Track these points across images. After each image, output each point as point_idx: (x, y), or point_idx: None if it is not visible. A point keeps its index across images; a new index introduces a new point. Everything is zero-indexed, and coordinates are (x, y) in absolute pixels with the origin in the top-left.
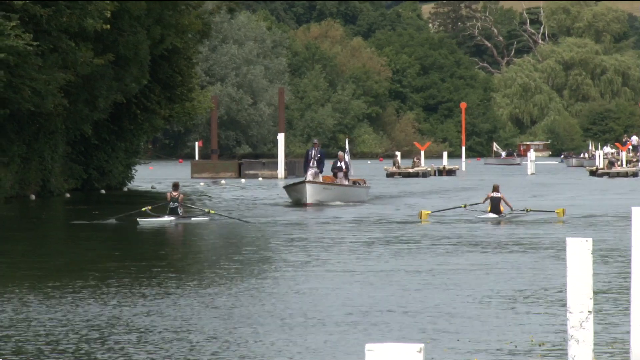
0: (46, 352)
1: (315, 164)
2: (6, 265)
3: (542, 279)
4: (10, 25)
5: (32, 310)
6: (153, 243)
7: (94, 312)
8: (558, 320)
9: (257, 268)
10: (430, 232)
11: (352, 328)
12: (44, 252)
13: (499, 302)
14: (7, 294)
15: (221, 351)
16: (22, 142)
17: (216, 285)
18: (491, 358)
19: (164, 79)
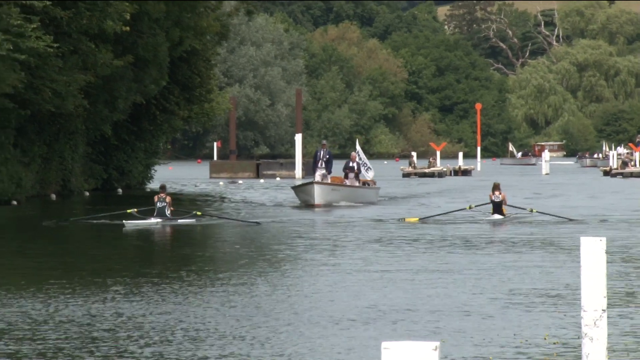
0: (73, 350)
1: (324, 165)
2: (34, 264)
3: (556, 277)
4: (31, 27)
5: (63, 307)
6: (169, 244)
7: (123, 311)
8: (572, 319)
9: (273, 268)
10: (443, 232)
11: (368, 326)
12: (68, 251)
13: (514, 301)
14: (37, 292)
15: (240, 349)
16: (42, 143)
17: (235, 284)
18: (506, 356)
19: (183, 80)
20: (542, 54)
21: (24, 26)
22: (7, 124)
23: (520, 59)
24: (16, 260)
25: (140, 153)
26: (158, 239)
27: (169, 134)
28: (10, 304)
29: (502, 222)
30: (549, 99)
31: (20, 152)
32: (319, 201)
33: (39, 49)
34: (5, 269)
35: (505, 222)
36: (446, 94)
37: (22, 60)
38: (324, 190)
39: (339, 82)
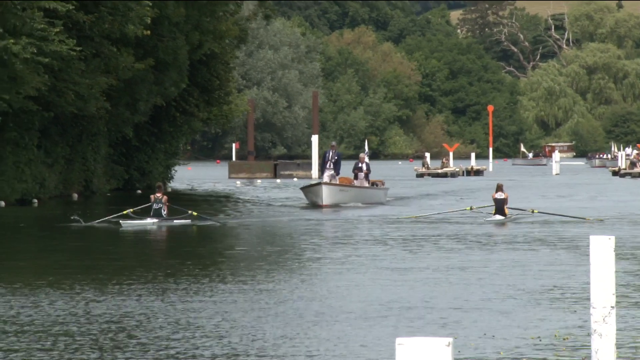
0: (99, 345)
1: (332, 166)
2: (61, 261)
3: (566, 275)
4: (55, 31)
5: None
6: (188, 242)
7: (153, 306)
8: (581, 315)
9: (292, 265)
10: (456, 231)
11: (382, 322)
12: (89, 250)
13: (524, 298)
14: (66, 289)
15: (265, 342)
16: (65, 144)
17: (257, 282)
18: (517, 352)
19: (203, 83)
20: (553, 57)
21: (47, 30)
22: (31, 126)
23: (531, 62)
24: (49, 258)
25: (160, 154)
26: (177, 238)
27: (189, 135)
28: (50, 301)
29: (508, 221)
30: (559, 101)
31: (43, 153)
32: (327, 202)
33: (62, 52)
34: (40, 267)
35: (515, 222)
36: (459, 96)
37: (46, 63)
38: (332, 191)
39: (355, 85)
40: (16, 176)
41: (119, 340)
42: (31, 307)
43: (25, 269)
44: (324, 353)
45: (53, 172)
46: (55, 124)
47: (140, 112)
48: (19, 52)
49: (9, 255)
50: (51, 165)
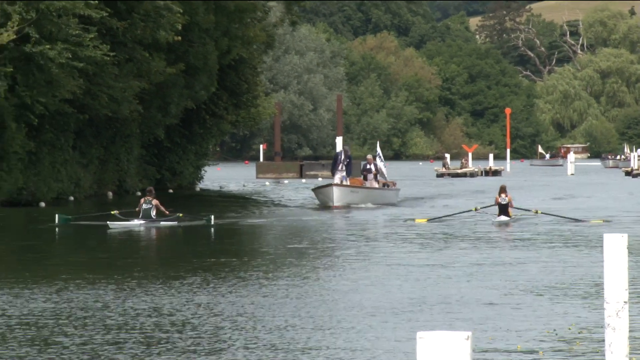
0: (135, 339)
1: (343, 168)
2: (102, 258)
3: (580, 271)
4: (89, 37)
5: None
6: (215, 240)
7: (180, 301)
8: (595, 310)
9: (318, 262)
10: (471, 230)
11: (404, 317)
12: (115, 247)
13: (540, 293)
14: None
15: (295, 334)
16: (100, 145)
17: (282, 278)
18: (533, 345)
19: (231, 86)
20: (568, 61)
21: (82, 36)
22: (66, 128)
23: (547, 67)
24: (82, 255)
25: (191, 155)
26: (205, 236)
27: (218, 137)
28: (94, 294)
29: (512, 222)
30: (574, 104)
31: (79, 154)
32: (337, 203)
33: (97, 57)
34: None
35: (520, 222)
36: (478, 100)
37: (81, 68)
38: (343, 192)
39: (377, 89)
40: (52, 176)
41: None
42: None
43: (86, 265)
44: (349, 346)
45: (88, 172)
46: (89, 126)
47: (171, 115)
48: (54, 57)
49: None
50: (86, 166)
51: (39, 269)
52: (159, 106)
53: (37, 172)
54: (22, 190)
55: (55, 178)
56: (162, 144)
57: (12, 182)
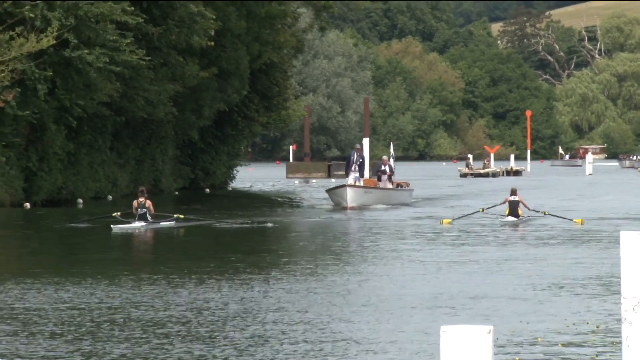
0: (178, 332)
1: (357, 169)
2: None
3: (598, 268)
4: (125, 42)
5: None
6: (241, 239)
7: (221, 297)
8: (613, 305)
9: (342, 259)
10: (490, 228)
11: (427, 311)
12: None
13: (559, 289)
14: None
15: (323, 328)
16: (136, 146)
17: (314, 274)
18: (553, 338)
19: (262, 90)
20: (586, 66)
21: (119, 41)
22: (104, 130)
23: (566, 71)
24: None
25: (223, 155)
26: (228, 234)
27: (250, 138)
28: (132, 292)
29: (521, 223)
30: (592, 107)
31: (116, 154)
32: (351, 203)
33: (133, 61)
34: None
35: (528, 223)
36: (499, 102)
37: (118, 72)
38: (357, 193)
39: (403, 92)
40: (90, 175)
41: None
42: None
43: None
44: (375, 339)
45: (124, 172)
46: (126, 128)
47: (204, 117)
48: (92, 62)
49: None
50: (123, 166)
51: (78, 266)
52: (193, 109)
53: (76, 172)
54: (61, 189)
55: (93, 178)
56: (196, 145)
57: (52, 181)
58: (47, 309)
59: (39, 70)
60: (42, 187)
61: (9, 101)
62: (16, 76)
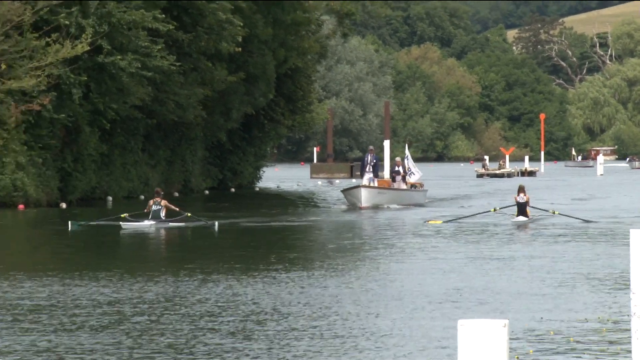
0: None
1: (371, 170)
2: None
3: (609, 265)
4: (157, 49)
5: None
6: (271, 237)
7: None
8: (623, 300)
9: (369, 256)
10: (503, 227)
11: (445, 306)
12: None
13: (571, 284)
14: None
15: (353, 322)
16: (167, 148)
17: (343, 270)
18: (565, 332)
19: (288, 93)
20: (598, 71)
21: (150, 47)
22: (136, 132)
23: (579, 75)
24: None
25: (250, 156)
26: (260, 233)
27: (275, 140)
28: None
29: (530, 222)
30: (603, 110)
31: (147, 155)
32: (365, 204)
33: (164, 67)
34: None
35: (537, 222)
36: (514, 106)
37: (149, 76)
38: (371, 193)
39: (422, 96)
40: (123, 176)
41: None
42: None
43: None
44: (396, 332)
45: (156, 172)
46: (157, 130)
47: (232, 120)
48: (125, 67)
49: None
50: (154, 166)
51: (112, 262)
52: (221, 112)
53: (110, 173)
54: (95, 189)
55: (126, 178)
56: (224, 146)
57: (86, 181)
58: (85, 304)
59: (74, 75)
60: (76, 187)
61: (45, 105)
62: (52, 81)
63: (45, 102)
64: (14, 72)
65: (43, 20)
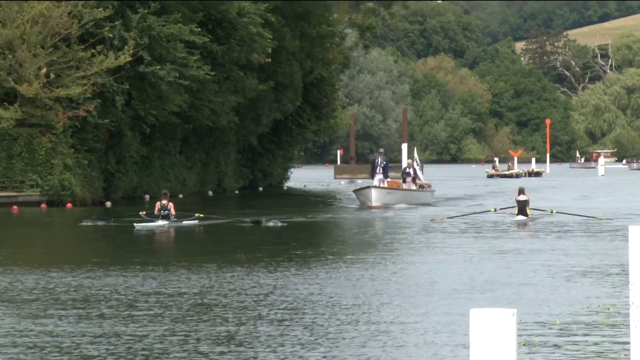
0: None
1: (381, 171)
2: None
3: (609, 258)
4: (193, 59)
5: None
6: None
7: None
8: (622, 290)
9: (390, 250)
10: (509, 224)
11: (458, 296)
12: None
13: (575, 276)
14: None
15: (370, 313)
16: (202, 151)
17: (365, 263)
18: (569, 320)
19: (313, 101)
20: (599, 79)
21: (187, 58)
22: (174, 136)
23: (581, 84)
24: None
25: (279, 159)
26: (288, 232)
27: (302, 143)
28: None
29: (530, 221)
30: (604, 116)
31: (184, 158)
32: (375, 203)
33: (199, 76)
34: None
35: (537, 221)
36: (522, 112)
37: (186, 85)
38: (381, 193)
39: (437, 103)
40: (162, 176)
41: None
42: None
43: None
44: (413, 321)
45: (192, 173)
46: (193, 134)
47: (263, 125)
48: (164, 76)
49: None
50: (190, 168)
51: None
52: (252, 117)
53: (149, 173)
54: (136, 188)
55: (164, 178)
56: (255, 149)
57: (128, 181)
58: (143, 295)
59: (117, 83)
60: (119, 186)
61: (90, 111)
62: (97, 89)
63: (90, 109)
64: (61, 81)
65: (89, 33)
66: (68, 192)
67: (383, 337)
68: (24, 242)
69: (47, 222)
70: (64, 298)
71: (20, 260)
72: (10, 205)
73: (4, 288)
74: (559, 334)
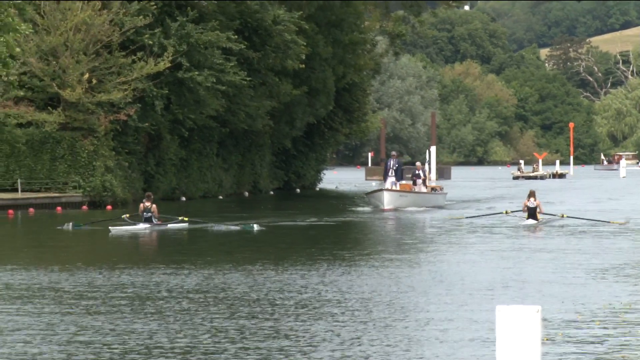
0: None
1: (393, 174)
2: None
3: (627, 257)
4: (230, 65)
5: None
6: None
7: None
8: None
9: (413, 250)
10: (526, 225)
11: (484, 293)
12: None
13: (596, 274)
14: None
15: (393, 311)
16: (238, 153)
17: (392, 261)
18: (590, 315)
19: (345, 105)
20: (621, 85)
21: (224, 64)
22: (211, 139)
23: (604, 89)
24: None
25: (312, 161)
26: (308, 234)
27: (334, 146)
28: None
29: (540, 225)
30: (626, 120)
31: (221, 160)
32: (388, 206)
33: (236, 81)
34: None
35: (547, 225)
36: (546, 116)
37: (223, 90)
38: (393, 196)
39: (464, 107)
40: (200, 178)
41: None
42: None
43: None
44: (441, 317)
45: (228, 175)
46: (230, 137)
47: (296, 128)
48: (202, 82)
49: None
50: (227, 170)
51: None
52: (287, 121)
53: (188, 175)
54: (175, 189)
55: (202, 180)
56: (289, 152)
57: (167, 183)
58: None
59: (157, 88)
60: (159, 187)
61: (131, 115)
62: (137, 94)
63: (131, 113)
64: (103, 87)
65: (129, 40)
66: (109, 193)
67: (408, 332)
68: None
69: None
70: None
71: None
72: (54, 206)
73: (46, 286)
74: (581, 330)
